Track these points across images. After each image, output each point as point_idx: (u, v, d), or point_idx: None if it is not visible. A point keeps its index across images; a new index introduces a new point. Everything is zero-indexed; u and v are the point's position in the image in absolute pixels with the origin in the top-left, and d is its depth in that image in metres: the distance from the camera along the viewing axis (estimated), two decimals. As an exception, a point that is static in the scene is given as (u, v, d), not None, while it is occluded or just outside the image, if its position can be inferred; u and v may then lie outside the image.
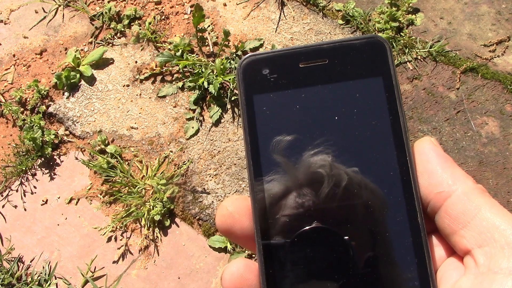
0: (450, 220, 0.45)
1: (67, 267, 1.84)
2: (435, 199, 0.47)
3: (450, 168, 0.47)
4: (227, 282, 0.47)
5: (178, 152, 1.98)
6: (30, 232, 1.91)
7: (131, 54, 2.23)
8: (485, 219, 0.44)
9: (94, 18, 2.33)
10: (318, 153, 0.49)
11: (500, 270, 0.41)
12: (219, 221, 0.50)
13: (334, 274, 0.47)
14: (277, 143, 0.50)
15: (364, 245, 0.48)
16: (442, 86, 2.00)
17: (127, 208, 1.89)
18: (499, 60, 2.04)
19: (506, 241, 0.42)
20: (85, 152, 2.03)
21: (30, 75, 2.22)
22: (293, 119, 0.50)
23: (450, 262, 0.47)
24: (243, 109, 0.51)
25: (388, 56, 0.51)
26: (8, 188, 2.00)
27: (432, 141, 0.49)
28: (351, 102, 0.50)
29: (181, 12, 2.32)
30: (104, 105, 2.12)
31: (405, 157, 0.48)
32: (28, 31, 2.34)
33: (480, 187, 0.46)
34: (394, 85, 0.50)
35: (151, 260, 1.82)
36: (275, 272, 0.48)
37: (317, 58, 0.51)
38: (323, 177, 0.49)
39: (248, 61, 0.52)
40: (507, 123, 1.91)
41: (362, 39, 0.51)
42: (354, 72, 0.51)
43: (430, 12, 2.19)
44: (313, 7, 2.26)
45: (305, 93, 0.51)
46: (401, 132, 0.49)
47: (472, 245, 0.44)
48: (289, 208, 0.49)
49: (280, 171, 0.49)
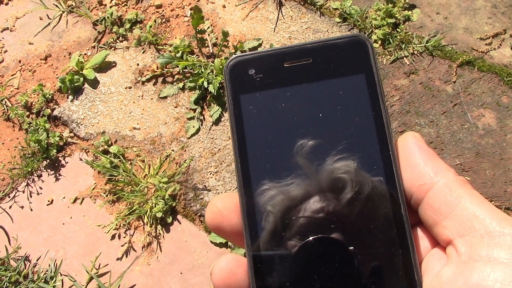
0: (432, 211, 0.46)
1: (73, 265, 1.88)
2: (417, 192, 0.48)
3: (432, 161, 0.48)
4: (216, 277, 0.48)
5: (180, 151, 2.02)
6: (36, 232, 1.95)
7: (133, 57, 2.28)
8: (466, 209, 0.45)
9: (97, 23, 2.39)
10: (305, 152, 0.50)
11: (480, 258, 0.42)
12: (208, 218, 0.51)
13: (321, 268, 0.48)
14: (260, 149, 0.51)
15: (349, 238, 0.49)
16: (438, 80, 2.02)
17: (130, 206, 1.93)
18: (495, 53, 2.06)
19: (486, 230, 0.43)
20: (89, 153, 2.08)
21: (35, 80, 2.28)
22: (279, 117, 0.52)
23: (434, 253, 0.48)
24: (230, 108, 0.52)
25: (370, 54, 0.52)
26: (15, 190, 2.05)
27: (415, 135, 0.50)
28: (335, 99, 0.52)
29: (181, 15, 2.36)
30: (107, 107, 2.16)
31: (388, 151, 0.50)
32: (33, 38, 2.40)
33: (462, 179, 0.47)
34: (377, 81, 0.52)
35: (154, 256, 1.86)
36: (264, 267, 0.49)
37: (301, 58, 0.53)
38: (312, 185, 0.50)
39: (235, 62, 0.53)
40: (503, 114, 1.92)
41: (345, 38, 0.53)
42: (338, 70, 0.52)
43: (427, 8, 2.22)
44: (311, 6, 2.30)
45: (290, 91, 0.52)
46: (383, 127, 0.50)
47: (454, 235, 0.45)
48: (276, 204, 0.50)
49: (268, 169, 0.51)
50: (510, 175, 1.81)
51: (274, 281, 0.49)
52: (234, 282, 0.49)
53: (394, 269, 0.47)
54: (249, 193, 0.50)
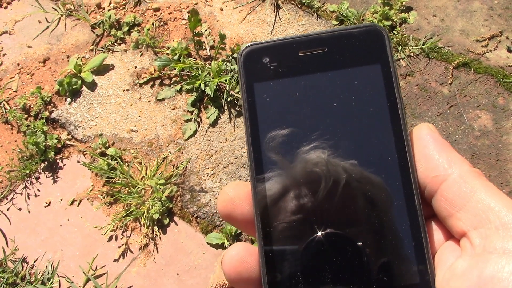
0: (446, 203, 0.46)
1: (70, 266, 1.89)
2: (431, 183, 0.47)
3: (446, 153, 0.47)
4: (227, 265, 0.48)
5: (177, 153, 2.03)
6: (34, 233, 1.96)
7: (131, 60, 2.29)
8: (480, 201, 0.44)
9: (95, 26, 2.40)
10: (316, 147, 0.50)
11: (495, 250, 0.41)
12: (220, 206, 0.50)
13: (332, 260, 0.48)
14: (272, 138, 0.51)
15: (362, 230, 0.48)
16: (435, 81, 2.03)
17: (127, 208, 1.94)
18: (492, 54, 2.06)
19: (501, 222, 0.42)
20: (87, 155, 2.09)
21: (34, 83, 2.29)
22: (292, 106, 0.51)
23: (447, 245, 0.47)
24: (243, 96, 0.52)
25: (386, 44, 0.51)
26: (13, 192, 2.06)
27: (429, 127, 0.50)
28: (349, 89, 0.51)
29: (179, 18, 2.38)
30: (105, 109, 2.17)
31: (403, 143, 0.49)
32: (32, 41, 2.41)
33: (476, 171, 0.46)
34: (392, 72, 0.51)
35: (151, 257, 1.86)
36: (275, 256, 0.48)
37: (316, 47, 0.52)
38: (321, 174, 0.49)
39: (249, 50, 0.53)
40: (499, 116, 1.92)
41: (361, 28, 0.52)
42: (353, 60, 0.51)
43: (423, 10, 2.22)
44: (308, 8, 2.31)
45: (305, 80, 0.52)
46: (399, 118, 0.50)
47: (468, 227, 0.44)
48: (287, 195, 0.49)
49: (280, 159, 0.50)
50: (505, 176, 1.81)
51: (285, 271, 0.48)
52: (245, 271, 0.48)
53: (407, 261, 0.47)
54: (262, 181, 0.50)
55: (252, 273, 0.49)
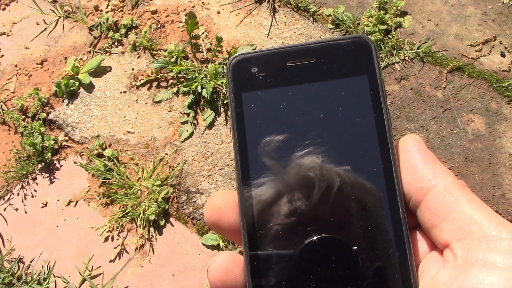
0: (430, 214, 0.46)
1: (66, 267, 1.90)
2: (416, 194, 0.48)
3: (431, 164, 0.48)
4: (213, 274, 0.48)
5: (173, 155, 2.04)
6: (30, 234, 1.97)
7: (128, 62, 2.30)
8: (463, 212, 0.44)
9: (93, 28, 2.42)
10: (307, 154, 0.50)
11: (476, 262, 0.41)
12: (207, 214, 0.51)
13: (316, 268, 0.48)
14: (265, 145, 0.51)
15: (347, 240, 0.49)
16: (429, 85, 2.05)
17: (123, 209, 1.95)
18: (485, 59, 2.09)
19: (483, 234, 0.42)
20: (84, 156, 2.10)
21: (31, 84, 2.30)
22: (280, 116, 0.51)
23: (431, 256, 0.48)
24: (231, 106, 0.52)
25: (373, 55, 0.52)
26: (9, 192, 2.07)
27: (416, 138, 0.50)
28: (337, 100, 0.51)
29: (176, 20, 2.40)
30: (102, 111, 2.19)
31: (388, 154, 0.49)
32: (29, 42, 2.43)
33: (460, 182, 0.47)
34: (379, 83, 0.51)
35: (147, 258, 1.87)
36: (260, 265, 0.48)
37: (304, 57, 0.52)
38: (314, 180, 0.49)
39: (237, 60, 0.53)
40: (492, 119, 1.94)
41: (348, 39, 0.52)
42: (340, 71, 0.52)
43: (418, 15, 2.25)
44: (304, 12, 2.33)
45: (293, 91, 0.52)
46: (384, 129, 0.50)
47: (451, 238, 0.44)
48: (274, 204, 0.50)
49: (267, 167, 0.50)
50: (498, 180, 1.83)
51: (270, 279, 0.48)
52: (230, 280, 0.49)
53: (391, 271, 0.47)
54: (248, 190, 0.50)
55: (237, 282, 0.49)
